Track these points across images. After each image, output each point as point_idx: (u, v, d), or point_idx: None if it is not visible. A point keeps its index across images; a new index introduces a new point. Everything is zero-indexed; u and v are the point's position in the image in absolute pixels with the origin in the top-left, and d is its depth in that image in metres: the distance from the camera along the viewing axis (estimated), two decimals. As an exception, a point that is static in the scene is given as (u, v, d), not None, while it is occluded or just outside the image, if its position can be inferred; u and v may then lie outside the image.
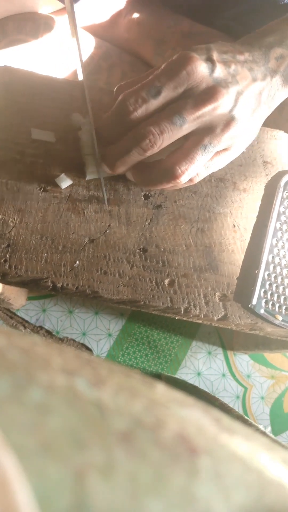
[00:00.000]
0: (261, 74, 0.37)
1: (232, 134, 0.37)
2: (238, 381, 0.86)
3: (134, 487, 0.12)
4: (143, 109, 0.35)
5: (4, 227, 0.40)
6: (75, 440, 0.12)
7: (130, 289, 0.41)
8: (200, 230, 0.44)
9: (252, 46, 0.38)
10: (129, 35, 0.64)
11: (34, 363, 0.15)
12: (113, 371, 0.17)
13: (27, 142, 0.43)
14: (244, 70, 0.36)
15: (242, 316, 0.42)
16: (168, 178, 0.36)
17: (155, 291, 0.41)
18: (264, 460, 0.15)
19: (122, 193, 0.44)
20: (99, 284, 0.40)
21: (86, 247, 0.41)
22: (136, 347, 0.83)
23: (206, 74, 0.34)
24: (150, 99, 0.34)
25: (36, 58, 0.56)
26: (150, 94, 0.34)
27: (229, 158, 0.39)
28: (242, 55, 0.37)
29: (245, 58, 0.37)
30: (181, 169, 0.36)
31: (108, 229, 0.42)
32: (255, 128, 0.39)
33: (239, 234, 0.45)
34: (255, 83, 0.37)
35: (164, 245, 0.43)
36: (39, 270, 0.39)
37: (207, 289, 0.42)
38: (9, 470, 0.11)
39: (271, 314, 0.42)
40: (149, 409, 0.15)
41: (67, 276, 0.40)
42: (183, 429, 0.14)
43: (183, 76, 0.34)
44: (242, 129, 0.37)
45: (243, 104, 0.36)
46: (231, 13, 0.59)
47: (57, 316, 0.82)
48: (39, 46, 0.56)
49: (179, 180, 0.36)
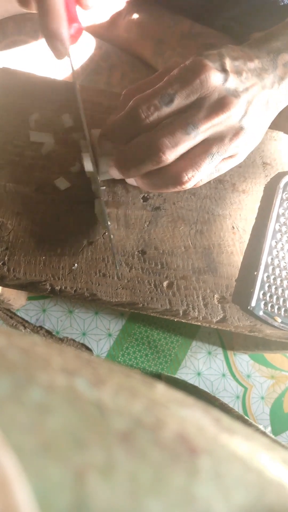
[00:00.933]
0: (269, 82, 0.37)
1: (240, 143, 0.37)
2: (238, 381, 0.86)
3: (134, 487, 0.12)
4: (155, 116, 0.35)
5: (3, 230, 0.40)
6: (75, 440, 0.12)
7: (128, 291, 0.41)
8: (199, 232, 0.44)
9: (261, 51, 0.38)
10: (129, 35, 0.64)
11: (34, 363, 0.14)
12: (113, 371, 0.17)
13: (26, 144, 0.43)
14: (254, 78, 0.36)
15: (241, 318, 0.42)
16: (174, 184, 0.36)
17: (153, 293, 0.41)
18: (264, 460, 0.15)
19: (120, 195, 0.44)
20: (98, 287, 0.40)
21: (85, 249, 0.41)
22: (136, 347, 0.83)
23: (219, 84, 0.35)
24: (163, 106, 0.34)
25: (36, 58, 0.56)
26: (163, 102, 0.34)
27: (232, 164, 0.40)
28: (252, 62, 0.37)
29: (255, 65, 0.37)
30: (187, 176, 0.36)
31: (106, 232, 0.42)
32: (260, 135, 0.39)
33: (238, 235, 0.45)
34: (264, 91, 0.37)
35: (163, 247, 0.43)
36: (38, 273, 0.39)
37: (206, 291, 0.42)
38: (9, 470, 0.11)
39: (270, 316, 0.42)
40: (149, 409, 0.15)
41: (65, 279, 0.40)
42: (183, 429, 0.14)
43: (196, 85, 0.34)
44: (249, 137, 0.37)
45: (251, 113, 0.36)
46: (231, 13, 0.59)
47: (57, 316, 0.82)
48: (39, 47, 0.57)
49: (185, 186, 0.36)
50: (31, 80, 0.46)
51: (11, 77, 0.46)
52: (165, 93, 0.34)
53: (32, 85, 0.46)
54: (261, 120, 0.38)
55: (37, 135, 0.44)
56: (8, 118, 0.44)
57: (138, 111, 0.35)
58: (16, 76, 0.46)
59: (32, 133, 0.44)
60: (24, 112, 0.45)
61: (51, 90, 0.46)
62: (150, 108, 0.34)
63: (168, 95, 0.34)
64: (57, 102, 0.46)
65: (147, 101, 0.34)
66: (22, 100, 0.45)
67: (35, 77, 0.46)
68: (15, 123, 0.44)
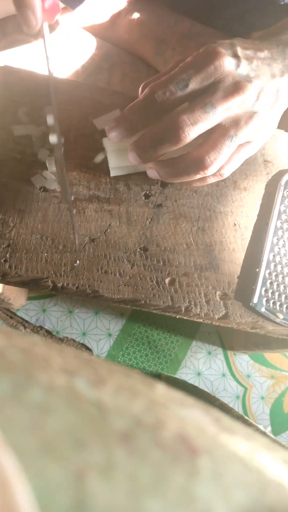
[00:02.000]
0: (279, 71, 0.38)
1: (254, 127, 0.38)
2: (238, 381, 0.86)
3: (134, 487, 0.12)
4: (171, 100, 0.36)
5: (4, 227, 0.40)
6: (75, 440, 0.12)
7: (130, 288, 0.41)
8: (200, 229, 0.44)
9: (270, 43, 0.39)
10: (130, 35, 0.64)
11: (34, 363, 0.15)
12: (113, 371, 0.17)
13: (28, 142, 0.43)
14: (264, 66, 0.37)
15: (243, 315, 0.42)
16: (196, 169, 0.37)
17: (155, 290, 0.41)
18: (264, 460, 0.15)
19: (122, 192, 0.44)
20: (100, 284, 0.40)
21: (87, 246, 0.41)
22: (136, 347, 0.83)
23: (232, 69, 0.36)
24: (178, 91, 0.35)
25: (36, 58, 0.56)
26: (178, 87, 0.35)
27: (250, 151, 0.40)
28: (262, 52, 0.38)
29: (265, 55, 0.38)
30: (210, 159, 0.36)
31: (108, 228, 0.42)
32: (273, 123, 0.40)
33: (240, 232, 0.45)
34: (274, 80, 0.38)
35: (164, 244, 0.43)
36: (39, 270, 0.39)
37: (208, 288, 0.42)
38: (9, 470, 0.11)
39: (272, 313, 0.42)
40: (149, 409, 0.15)
41: (67, 276, 0.40)
42: (183, 429, 0.14)
43: (210, 70, 0.35)
44: (262, 123, 0.38)
45: (263, 99, 0.37)
46: (231, 13, 0.59)
47: (57, 316, 0.82)
48: (39, 46, 0.56)
49: (207, 171, 0.37)
50: (32, 78, 0.46)
51: (12, 75, 0.46)
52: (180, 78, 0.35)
53: (33, 83, 0.46)
54: (272, 108, 0.39)
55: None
56: (8, 116, 0.44)
57: (153, 96, 0.35)
58: (17, 74, 0.46)
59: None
60: (25, 110, 0.45)
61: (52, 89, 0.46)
62: (165, 93, 0.35)
63: (183, 80, 0.35)
64: (58, 100, 0.46)
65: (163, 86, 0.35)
66: (23, 98, 0.45)
67: (36, 76, 0.46)
68: (15, 120, 0.44)
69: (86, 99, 0.46)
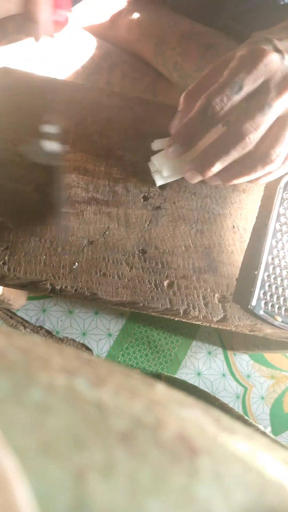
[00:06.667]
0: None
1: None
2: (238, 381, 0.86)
3: (134, 487, 0.12)
4: (229, 106, 0.36)
5: (3, 229, 0.40)
6: (75, 440, 0.12)
7: (129, 290, 0.41)
8: (199, 231, 0.44)
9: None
10: (130, 35, 0.64)
11: (34, 363, 0.14)
12: (113, 371, 0.17)
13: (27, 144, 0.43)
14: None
15: (241, 318, 0.42)
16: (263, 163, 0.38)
17: (154, 293, 0.41)
18: (264, 460, 0.15)
19: (121, 195, 0.44)
20: (98, 286, 0.40)
21: (85, 249, 0.41)
22: (136, 347, 0.83)
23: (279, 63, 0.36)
24: (234, 95, 0.36)
25: (36, 58, 0.56)
26: (233, 91, 0.36)
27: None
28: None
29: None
30: (275, 153, 0.37)
31: (107, 231, 0.42)
32: None
33: (239, 235, 0.45)
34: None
35: (163, 247, 0.43)
36: (38, 273, 0.39)
37: (207, 291, 0.42)
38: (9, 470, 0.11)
39: (270, 315, 0.42)
40: (149, 409, 0.15)
41: (65, 278, 0.40)
42: (183, 429, 0.14)
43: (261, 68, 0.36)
44: None
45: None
46: (231, 13, 0.59)
47: (57, 316, 0.82)
48: (39, 47, 0.57)
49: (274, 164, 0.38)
50: (32, 79, 0.46)
51: (12, 76, 0.46)
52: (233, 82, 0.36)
53: (32, 85, 0.46)
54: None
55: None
56: (8, 118, 0.44)
57: (212, 104, 0.36)
58: (16, 75, 0.46)
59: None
60: (24, 111, 0.45)
61: (52, 90, 0.46)
62: (223, 100, 0.36)
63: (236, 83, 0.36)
64: (57, 101, 0.46)
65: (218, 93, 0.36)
66: (22, 99, 0.45)
67: (36, 77, 0.46)
68: (15, 122, 0.44)
69: (85, 100, 0.47)
